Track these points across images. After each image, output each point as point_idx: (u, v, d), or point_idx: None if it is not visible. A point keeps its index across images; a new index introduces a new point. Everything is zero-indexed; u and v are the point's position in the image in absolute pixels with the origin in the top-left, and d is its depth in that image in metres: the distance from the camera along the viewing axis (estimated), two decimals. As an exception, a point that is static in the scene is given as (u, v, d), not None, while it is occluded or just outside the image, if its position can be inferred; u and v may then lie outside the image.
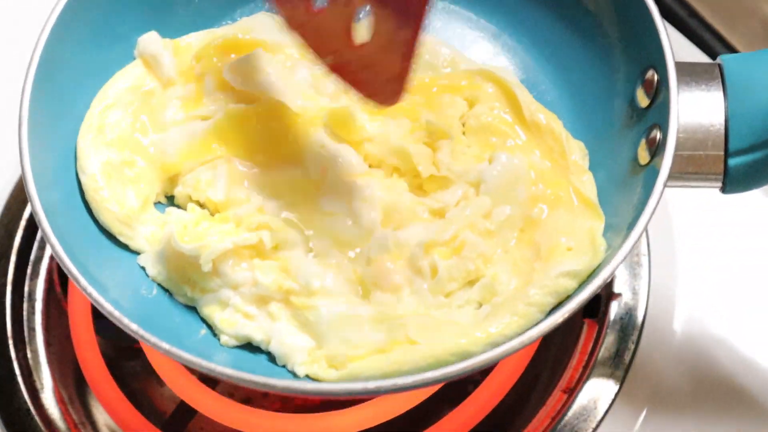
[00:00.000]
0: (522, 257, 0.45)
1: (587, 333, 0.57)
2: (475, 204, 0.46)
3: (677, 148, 0.42)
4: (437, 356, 0.41)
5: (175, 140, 0.49)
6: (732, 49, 0.70)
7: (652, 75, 0.45)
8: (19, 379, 0.58)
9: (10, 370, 0.58)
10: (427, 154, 0.47)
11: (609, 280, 0.41)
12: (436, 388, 0.54)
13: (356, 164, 0.47)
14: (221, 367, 0.40)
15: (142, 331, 0.41)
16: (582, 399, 0.54)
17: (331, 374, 0.43)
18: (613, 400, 0.54)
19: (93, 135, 0.48)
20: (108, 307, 0.41)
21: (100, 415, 0.61)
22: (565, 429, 0.53)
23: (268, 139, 0.48)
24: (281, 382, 0.40)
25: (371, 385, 0.40)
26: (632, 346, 0.55)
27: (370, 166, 0.48)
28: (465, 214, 0.46)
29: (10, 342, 0.60)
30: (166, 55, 0.51)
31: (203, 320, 0.47)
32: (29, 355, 0.60)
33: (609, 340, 0.55)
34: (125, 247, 0.48)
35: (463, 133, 0.49)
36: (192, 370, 0.55)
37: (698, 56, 0.66)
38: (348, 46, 0.41)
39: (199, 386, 0.56)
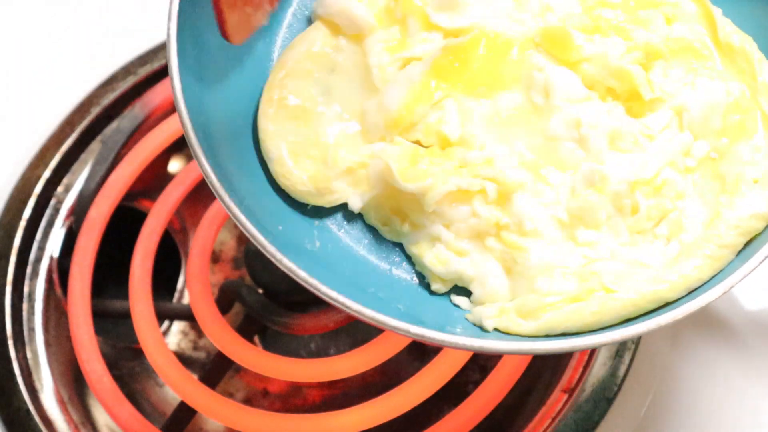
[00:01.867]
0: (710, 189, 0.44)
1: (587, 333, 0.57)
2: (678, 140, 0.45)
3: None
4: (636, 304, 0.41)
5: (394, 94, 0.46)
6: None
7: None
8: (19, 379, 0.58)
9: (10, 371, 0.58)
10: (644, 76, 0.46)
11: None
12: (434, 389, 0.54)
13: (577, 88, 0.46)
14: (425, 329, 0.39)
15: (333, 292, 0.39)
16: (582, 399, 0.54)
17: (523, 326, 0.42)
18: (613, 401, 0.54)
19: (274, 110, 0.46)
20: (295, 269, 0.39)
21: (100, 415, 0.61)
22: (565, 429, 0.53)
23: (486, 70, 0.47)
24: (497, 344, 0.40)
25: (592, 339, 0.39)
26: (632, 346, 0.55)
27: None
28: (667, 150, 0.45)
29: (10, 342, 0.59)
30: (356, 4, 0.47)
31: (380, 270, 0.46)
32: (29, 355, 0.60)
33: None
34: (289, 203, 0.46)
35: None
36: (192, 368, 0.55)
37: None
38: None
39: (198, 386, 0.56)
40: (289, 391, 0.64)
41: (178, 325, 0.68)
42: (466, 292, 0.45)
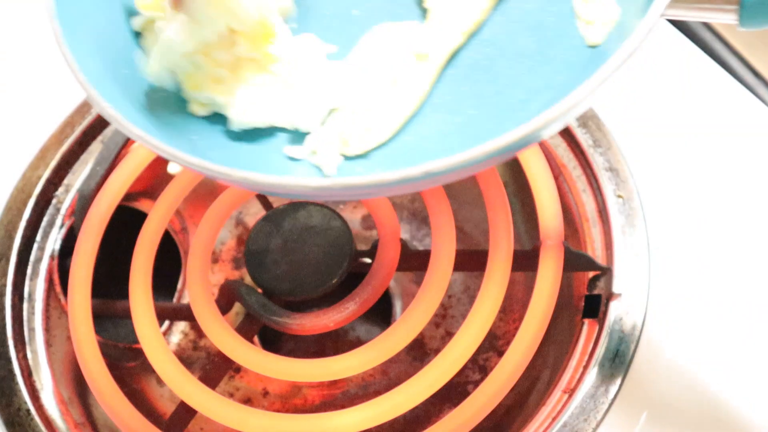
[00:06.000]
0: None
1: (587, 333, 0.57)
2: None
3: None
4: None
5: None
6: None
7: None
8: (19, 379, 0.58)
9: (10, 371, 0.58)
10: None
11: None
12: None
13: None
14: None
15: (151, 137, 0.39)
16: (582, 399, 0.54)
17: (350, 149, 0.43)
18: (613, 401, 0.54)
19: None
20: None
21: (100, 415, 0.61)
22: (565, 429, 0.53)
23: None
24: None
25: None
26: (632, 346, 0.55)
27: None
28: None
29: (10, 342, 0.60)
30: None
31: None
32: (29, 355, 0.60)
33: (609, 340, 0.55)
34: None
35: None
36: (192, 368, 0.55)
37: None
38: None
39: (199, 386, 0.56)
40: (289, 391, 0.64)
41: (178, 325, 0.68)
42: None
